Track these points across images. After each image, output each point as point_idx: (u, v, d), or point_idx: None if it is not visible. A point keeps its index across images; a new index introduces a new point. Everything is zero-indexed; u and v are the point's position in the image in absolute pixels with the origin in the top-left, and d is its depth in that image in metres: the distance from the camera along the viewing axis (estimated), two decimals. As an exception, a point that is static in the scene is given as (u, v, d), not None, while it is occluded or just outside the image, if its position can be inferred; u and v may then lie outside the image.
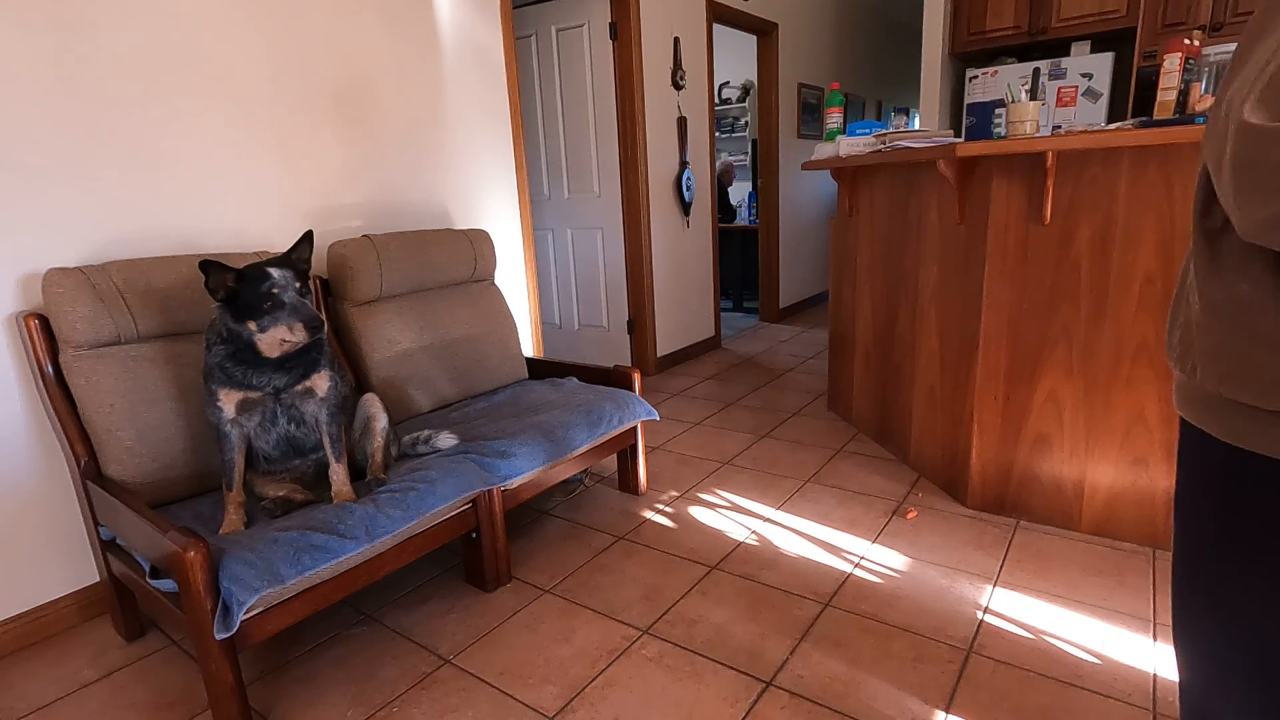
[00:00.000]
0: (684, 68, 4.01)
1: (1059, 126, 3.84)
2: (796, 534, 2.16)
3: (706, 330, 4.57)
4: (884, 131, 2.46)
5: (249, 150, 2.11)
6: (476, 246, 2.54)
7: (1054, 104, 3.99)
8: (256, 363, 1.56)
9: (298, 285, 1.54)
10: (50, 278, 1.62)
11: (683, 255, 4.26)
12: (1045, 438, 2.06)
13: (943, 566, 1.94)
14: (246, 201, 2.12)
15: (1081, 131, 1.81)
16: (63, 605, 1.84)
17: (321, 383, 1.65)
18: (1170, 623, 0.72)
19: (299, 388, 1.63)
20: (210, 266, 1.46)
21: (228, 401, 1.57)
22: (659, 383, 3.92)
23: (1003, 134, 2.06)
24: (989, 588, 1.83)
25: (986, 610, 1.74)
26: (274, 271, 1.52)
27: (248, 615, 1.36)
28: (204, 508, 1.68)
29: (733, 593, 1.87)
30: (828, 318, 3.32)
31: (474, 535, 1.88)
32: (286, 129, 2.19)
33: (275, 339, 1.53)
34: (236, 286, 1.50)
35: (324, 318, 1.55)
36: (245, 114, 2.09)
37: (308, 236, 1.66)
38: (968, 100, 4.26)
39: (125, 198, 1.86)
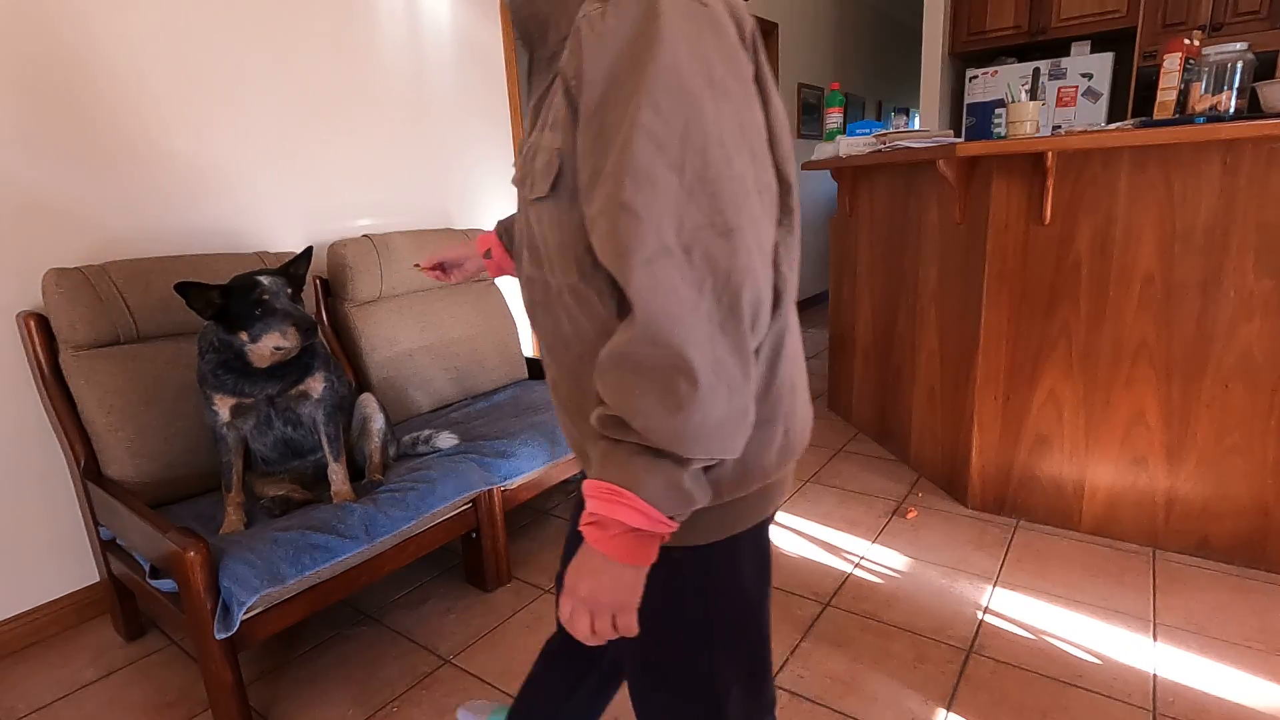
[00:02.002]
0: (684, 68, 4.00)
1: (1059, 126, 3.84)
2: (796, 534, 2.16)
3: (706, 330, 4.56)
4: (884, 131, 2.46)
5: (248, 150, 2.11)
6: (476, 246, 2.54)
7: (1054, 104, 3.99)
8: (248, 371, 1.55)
9: (289, 292, 1.53)
10: (49, 278, 1.62)
11: (683, 255, 4.25)
12: (1045, 438, 2.06)
13: (943, 566, 1.94)
14: (246, 201, 2.11)
15: (1081, 131, 1.81)
16: (63, 605, 1.84)
17: (316, 385, 1.65)
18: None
19: (293, 391, 1.62)
20: (189, 289, 1.43)
21: (222, 406, 1.57)
22: (659, 383, 3.91)
23: (1003, 134, 2.06)
24: (989, 588, 1.83)
25: (986, 610, 1.74)
26: (263, 279, 1.50)
27: (248, 615, 1.36)
28: (204, 508, 1.68)
29: (733, 593, 1.87)
30: (828, 318, 3.31)
31: (474, 535, 1.88)
32: (286, 129, 2.19)
33: (267, 347, 1.51)
34: (224, 301, 1.48)
35: (316, 321, 1.54)
36: (245, 114, 2.09)
37: (307, 253, 1.66)
38: (968, 100, 4.25)
39: (125, 198, 1.86)
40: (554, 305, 0.68)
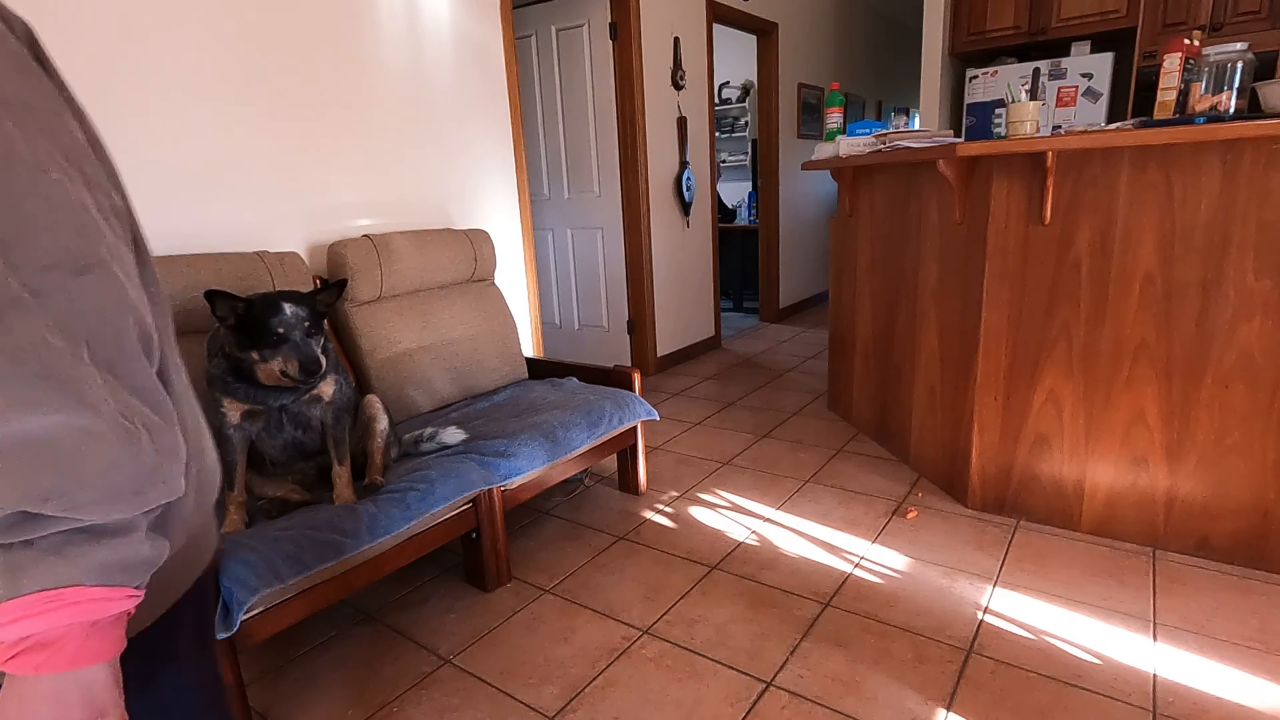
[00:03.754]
0: (684, 68, 4.01)
1: (1059, 126, 3.84)
2: (796, 534, 2.16)
3: (706, 330, 4.57)
4: (884, 131, 2.46)
5: (249, 150, 2.11)
6: (476, 246, 2.54)
7: (1054, 104, 3.99)
8: (259, 383, 1.56)
9: (307, 325, 1.53)
10: (50, 278, 1.62)
11: (683, 255, 4.26)
12: (1045, 438, 2.06)
13: (943, 566, 1.94)
14: (246, 201, 2.11)
15: (1081, 131, 1.81)
16: (63, 605, 1.83)
17: (327, 388, 1.66)
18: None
19: (306, 397, 1.63)
20: (216, 296, 1.45)
21: (232, 409, 1.57)
22: (659, 383, 3.92)
23: (1003, 134, 2.06)
24: (989, 588, 1.83)
25: (986, 610, 1.74)
26: (286, 306, 1.50)
27: (248, 615, 1.36)
28: (204, 508, 1.68)
29: (733, 593, 1.87)
30: (828, 318, 3.32)
31: (474, 535, 1.88)
32: (287, 129, 2.19)
33: (274, 370, 1.52)
34: (245, 315, 1.49)
35: (322, 360, 1.54)
36: (245, 113, 2.09)
37: (340, 284, 1.69)
38: (968, 100, 4.25)
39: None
40: None
